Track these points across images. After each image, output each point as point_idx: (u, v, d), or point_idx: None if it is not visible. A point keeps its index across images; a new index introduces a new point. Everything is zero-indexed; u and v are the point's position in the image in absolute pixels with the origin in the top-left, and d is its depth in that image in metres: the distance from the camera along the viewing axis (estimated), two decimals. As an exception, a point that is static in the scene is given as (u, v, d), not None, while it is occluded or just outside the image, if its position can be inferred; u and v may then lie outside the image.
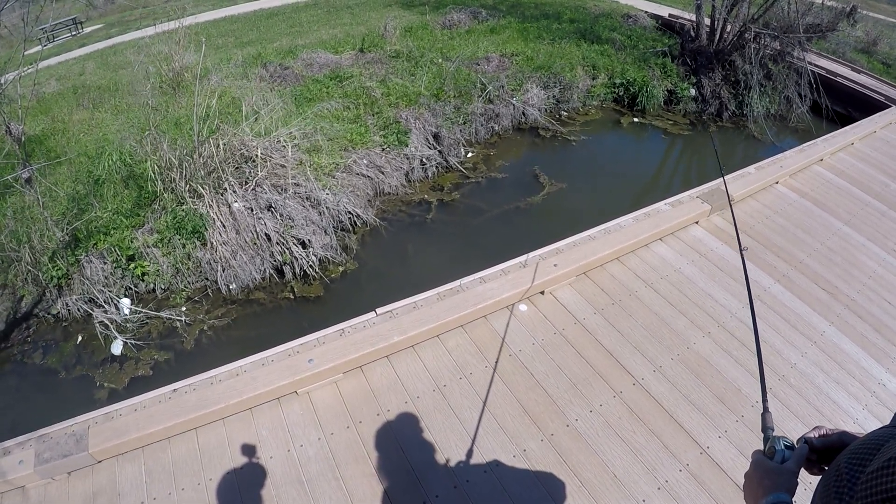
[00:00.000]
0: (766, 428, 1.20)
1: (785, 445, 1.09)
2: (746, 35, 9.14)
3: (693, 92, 9.47)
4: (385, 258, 5.79)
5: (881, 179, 5.84)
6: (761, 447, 1.17)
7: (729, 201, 1.69)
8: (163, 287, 5.16)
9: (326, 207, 5.69)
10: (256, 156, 5.61)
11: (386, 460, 2.68)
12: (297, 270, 5.34)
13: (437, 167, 7.15)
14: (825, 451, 1.11)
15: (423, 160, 7.01)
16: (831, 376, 3.34)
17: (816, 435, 1.13)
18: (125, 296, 5.02)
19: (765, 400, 1.28)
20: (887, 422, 1.15)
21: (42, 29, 14.61)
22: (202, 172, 5.31)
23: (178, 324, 4.85)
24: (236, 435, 2.78)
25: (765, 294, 3.91)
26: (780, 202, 5.07)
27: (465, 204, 6.63)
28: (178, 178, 5.29)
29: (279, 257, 5.30)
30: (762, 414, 1.24)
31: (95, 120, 7.43)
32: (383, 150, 6.79)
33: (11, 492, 2.54)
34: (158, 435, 2.72)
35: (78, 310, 4.88)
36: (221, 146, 5.42)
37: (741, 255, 1.72)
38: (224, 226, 5.22)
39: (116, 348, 4.60)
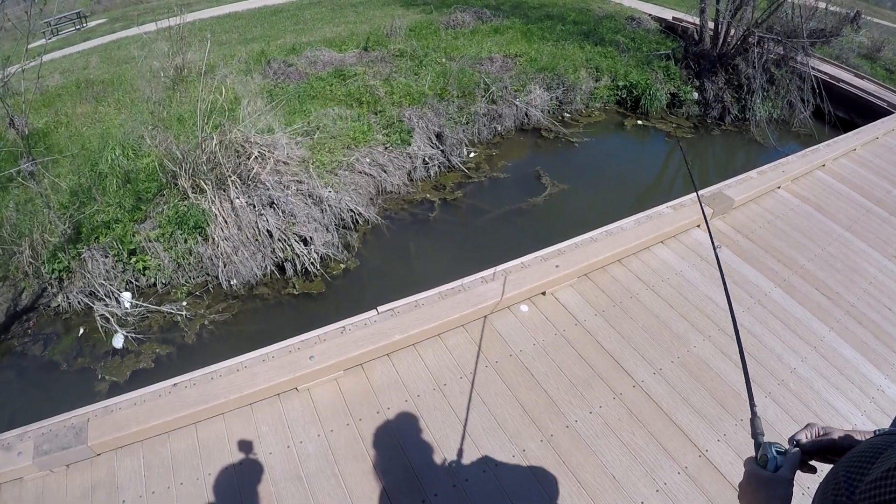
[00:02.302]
0: (756, 434, 1.19)
1: (777, 452, 1.08)
2: (750, 39, 9.15)
3: (696, 95, 9.47)
4: (387, 257, 5.79)
5: (883, 186, 5.85)
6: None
7: (704, 216, 1.69)
8: (164, 281, 5.16)
9: (328, 205, 5.69)
10: (259, 152, 5.61)
11: (385, 458, 2.69)
12: (299, 267, 5.34)
13: (439, 166, 7.15)
14: (817, 452, 1.11)
15: (426, 159, 7.01)
16: (831, 382, 3.34)
17: (807, 436, 1.12)
18: (126, 289, 5.02)
19: (752, 405, 1.26)
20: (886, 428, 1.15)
21: (46, 22, 14.64)
22: (205, 168, 5.31)
23: (178, 318, 4.86)
24: (236, 430, 2.79)
25: (765, 298, 3.91)
26: (781, 207, 5.07)
27: (467, 204, 6.63)
28: (181, 174, 5.29)
29: (280, 254, 5.30)
30: (751, 420, 1.22)
31: (98, 114, 7.43)
32: (386, 148, 6.79)
33: (10, 483, 2.55)
34: (158, 429, 2.72)
35: (79, 303, 4.88)
36: (225, 142, 5.41)
37: (715, 254, 1.70)
38: (226, 221, 5.22)
39: (118, 342, 4.60)
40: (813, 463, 1.13)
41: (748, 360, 3.42)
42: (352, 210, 5.92)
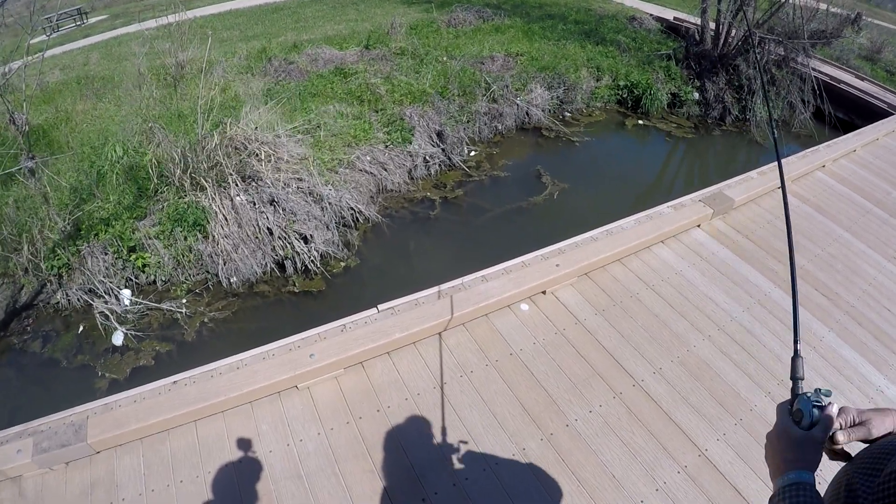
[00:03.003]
0: (796, 377, 1.10)
1: (815, 405, 1.00)
2: (751, 40, 9.14)
3: (696, 96, 9.47)
4: (387, 255, 5.79)
5: (883, 187, 5.85)
6: (761, 448, 1.11)
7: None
8: (163, 279, 5.16)
9: (329, 203, 5.69)
10: (259, 150, 5.60)
11: (385, 457, 2.68)
12: (299, 265, 5.33)
13: (440, 165, 7.14)
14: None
15: (427, 158, 7.00)
16: (830, 382, 3.34)
17: (841, 426, 1.03)
18: (126, 287, 5.02)
19: (796, 342, 1.15)
20: None
21: (47, 18, 14.62)
22: (205, 165, 5.31)
23: (178, 316, 4.85)
24: (236, 428, 2.78)
25: (765, 299, 3.91)
26: (781, 207, 5.06)
27: (467, 202, 6.63)
28: (180, 171, 5.28)
29: (280, 252, 5.30)
30: (792, 358, 1.12)
31: (99, 111, 7.42)
32: (387, 146, 6.79)
33: (9, 481, 2.54)
34: (157, 427, 2.72)
35: (78, 300, 4.88)
36: (225, 139, 5.41)
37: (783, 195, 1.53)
38: (226, 219, 5.22)
39: (117, 339, 4.60)
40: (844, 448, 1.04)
41: (791, 298, 3.44)
42: (352, 208, 5.91)
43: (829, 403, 1.02)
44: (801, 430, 1.00)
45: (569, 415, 2.94)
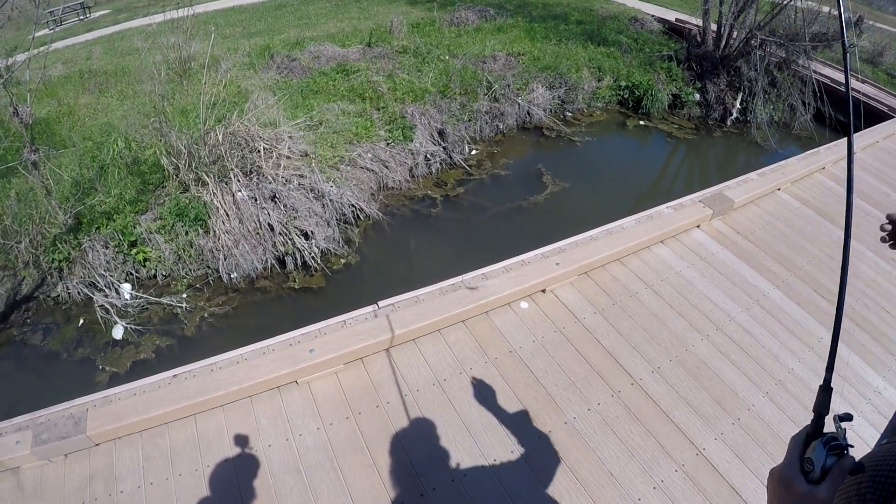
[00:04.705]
0: (820, 412, 0.93)
1: (829, 451, 0.87)
2: (752, 42, 9.15)
3: (698, 97, 9.47)
4: (387, 252, 5.80)
5: (882, 189, 5.86)
6: (759, 447, 1.05)
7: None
8: (164, 273, 5.17)
9: (330, 200, 5.69)
10: (262, 146, 5.61)
11: (384, 452, 2.70)
12: (299, 261, 5.34)
13: (441, 163, 7.15)
14: None
15: (428, 156, 7.01)
16: (828, 383, 3.35)
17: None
18: (126, 281, 5.03)
19: (828, 371, 0.98)
20: (882, 428, 1.12)
21: (51, 12, 14.59)
22: (207, 161, 5.32)
23: (178, 310, 4.86)
24: (235, 422, 2.79)
25: (764, 299, 3.92)
26: (781, 209, 5.08)
27: (468, 201, 6.64)
28: (183, 166, 5.29)
29: (281, 248, 5.31)
30: (820, 388, 0.96)
31: (101, 105, 7.43)
32: (388, 144, 6.79)
33: (7, 472, 2.55)
34: (157, 420, 2.72)
35: (78, 293, 4.88)
36: (227, 135, 5.41)
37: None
38: (227, 214, 5.22)
39: (118, 333, 4.60)
40: None
41: (837, 310, 3.44)
42: (353, 205, 5.92)
43: (847, 450, 0.88)
44: (806, 483, 0.86)
45: (567, 412, 2.96)
